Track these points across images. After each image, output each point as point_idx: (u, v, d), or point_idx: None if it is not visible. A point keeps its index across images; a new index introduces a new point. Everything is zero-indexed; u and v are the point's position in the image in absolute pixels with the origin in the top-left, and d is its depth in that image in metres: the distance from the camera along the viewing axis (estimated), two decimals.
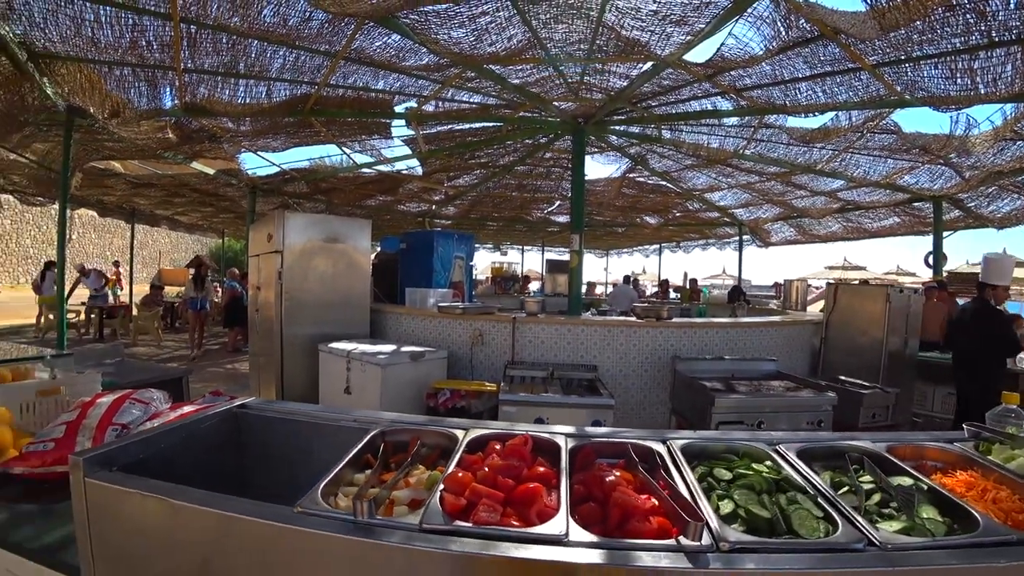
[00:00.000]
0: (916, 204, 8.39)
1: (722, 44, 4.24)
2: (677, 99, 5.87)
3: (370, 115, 6.12)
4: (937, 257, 8.25)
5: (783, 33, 4.06)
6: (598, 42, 4.45)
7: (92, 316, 11.26)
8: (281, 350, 4.81)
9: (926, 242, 8.60)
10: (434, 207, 12.07)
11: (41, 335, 10.82)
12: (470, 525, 1.06)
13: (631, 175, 9.42)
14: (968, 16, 3.64)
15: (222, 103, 5.44)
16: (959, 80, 4.25)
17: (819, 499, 1.21)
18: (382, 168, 8.57)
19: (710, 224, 12.84)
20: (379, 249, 7.33)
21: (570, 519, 1.09)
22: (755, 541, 1.02)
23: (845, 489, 1.32)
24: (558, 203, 11.68)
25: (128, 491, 1.14)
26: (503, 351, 4.89)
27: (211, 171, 8.37)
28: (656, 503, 1.17)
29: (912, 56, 4.13)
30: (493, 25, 4.19)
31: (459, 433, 1.55)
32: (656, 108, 6.20)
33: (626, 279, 13.09)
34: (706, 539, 0.99)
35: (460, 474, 1.25)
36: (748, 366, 4.31)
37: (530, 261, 22.04)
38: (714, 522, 1.07)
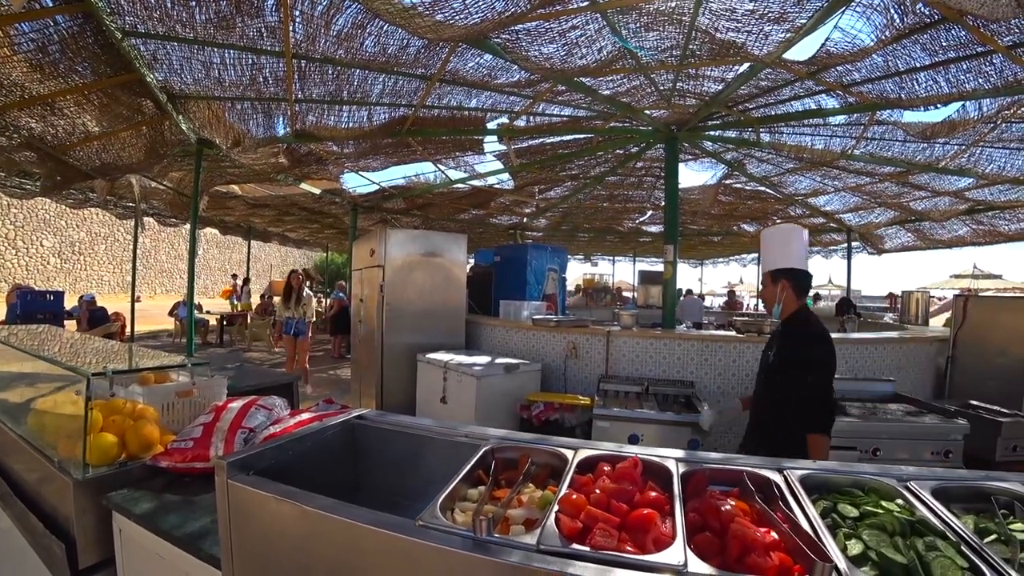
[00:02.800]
0: None
1: (827, 39, 3.98)
2: (777, 100, 5.58)
3: (464, 132, 6.32)
4: None
5: (897, 21, 3.75)
6: (691, 47, 4.33)
7: (213, 324, 12.48)
8: (381, 359, 5.06)
9: None
10: (525, 219, 12.22)
11: (174, 339, 12.13)
12: (587, 549, 1.05)
13: (727, 181, 9.03)
14: None
15: (328, 128, 5.85)
16: None
17: (962, 547, 1.07)
18: (475, 183, 8.82)
19: (814, 231, 11.99)
20: (473, 262, 7.54)
21: (687, 549, 1.06)
22: None
23: (992, 538, 1.15)
24: (650, 213, 11.41)
25: (265, 495, 1.25)
26: (597, 364, 4.83)
27: (317, 191, 9.00)
28: (776, 538, 1.10)
29: None
30: (583, 38, 4.20)
31: (568, 453, 1.53)
32: (753, 111, 5.92)
33: (688, 292, 12.71)
34: None
35: (574, 496, 1.24)
36: (861, 387, 3.95)
37: (621, 272, 21.77)
38: (842, 563, 0.99)
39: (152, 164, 6.98)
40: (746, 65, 4.58)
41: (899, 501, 1.30)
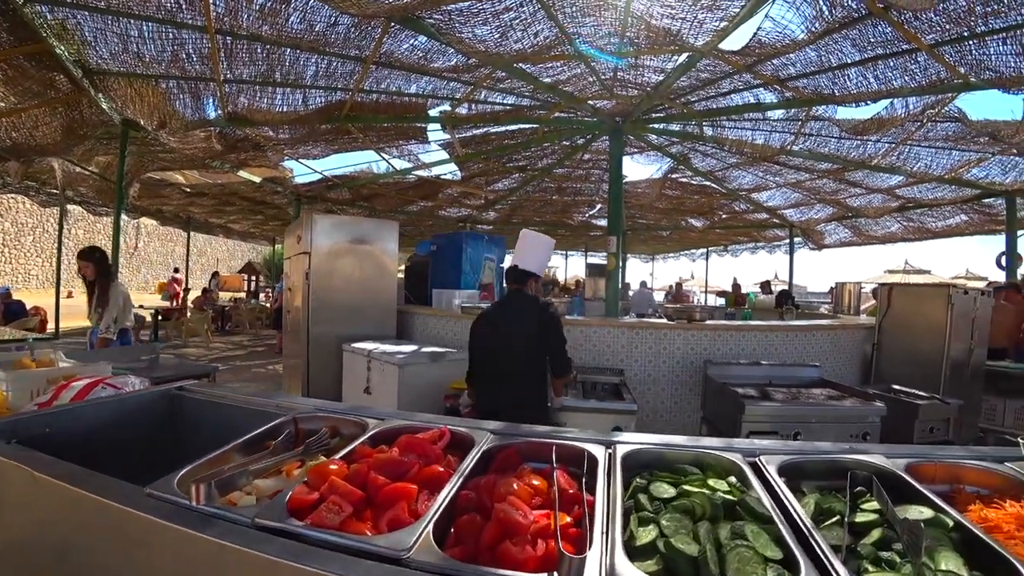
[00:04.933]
0: (986, 200, 7.75)
1: (759, 28, 4.00)
2: (717, 92, 5.62)
3: (405, 119, 6.16)
4: (1011, 258, 7.59)
5: (826, 13, 3.80)
6: (628, 34, 4.30)
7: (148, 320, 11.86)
8: (307, 350, 4.86)
9: (999, 242, 7.93)
10: (474, 212, 12.10)
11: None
12: (301, 525, 0.94)
13: (673, 175, 9.13)
14: None
15: (261, 112, 5.61)
16: None
17: (786, 533, 0.94)
18: (421, 173, 8.64)
19: (758, 226, 12.30)
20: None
21: (429, 532, 0.93)
22: None
23: (834, 520, 1.06)
24: (599, 206, 11.47)
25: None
26: None
27: (257, 179, 8.64)
28: (548, 524, 0.98)
29: (976, 32, 3.79)
30: (518, 21, 4.12)
31: (373, 423, 1.45)
32: (696, 103, 5.96)
33: (642, 284, 12.99)
34: None
35: (334, 466, 1.13)
36: (787, 372, 4.00)
37: (573, 266, 21.83)
38: (611, 557, 0.86)
39: (72, 146, 6.56)
40: (684, 55, 4.58)
41: (732, 479, 1.19)
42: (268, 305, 15.72)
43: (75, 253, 4.76)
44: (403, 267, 6.84)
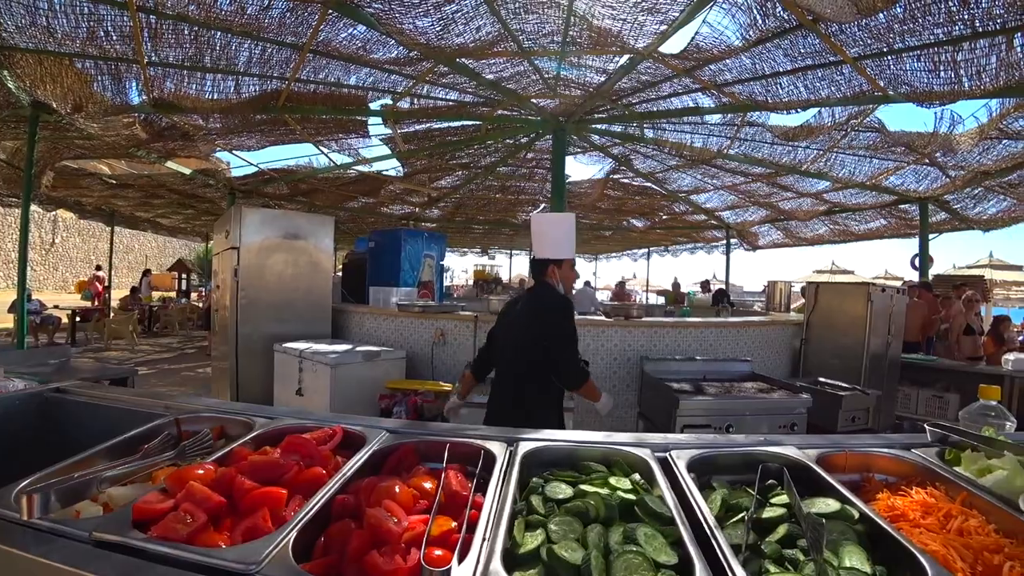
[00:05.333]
0: (903, 206, 8.30)
1: (696, 33, 4.11)
2: (658, 95, 5.74)
3: (344, 112, 5.97)
4: (923, 260, 8.15)
5: (759, 21, 3.94)
6: (571, 33, 4.32)
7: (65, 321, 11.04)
8: (236, 351, 4.62)
9: (913, 245, 8.50)
10: (418, 210, 11.92)
11: (14, 339, 10.56)
12: (143, 539, 0.84)
13: (615, 176, 9.29)
14: (950, 3, 3.53)
15: (190, 98, 5.30)
16: (943, 74, 4.15)
17: (686, 534, 0.91)
18: (362, 169, 8.42)
19: (697, 227, 12.72)
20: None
21: (288, 542, 0.85)
22: None
23: (740, 517, 1.03)
24: (543, 206, 11.54)
25: None
26: (466, 351, 4.68)
27: (187, 171, 8.19)
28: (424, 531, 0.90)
29: (894, 48, 4.02)
30: (460, 15, 4.05)
31: (260, 422, 1.36)
32: (637, 105, 6.07)
33: (586, 284, 13.23)
34: None
35: (201, 471, 1.03)
36: (721, 367, 4.13)
37: (519, 266, 21.91)
38: (484, 567, 0.80)
39: None
40: (626, 57, 4.65)
41: (636, 477, 1.16)
42: (200, 305, 14.97)
43: None
44: (342, 264, 6.65)
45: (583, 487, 1.09)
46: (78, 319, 10.89)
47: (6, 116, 5.68)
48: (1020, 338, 9.75)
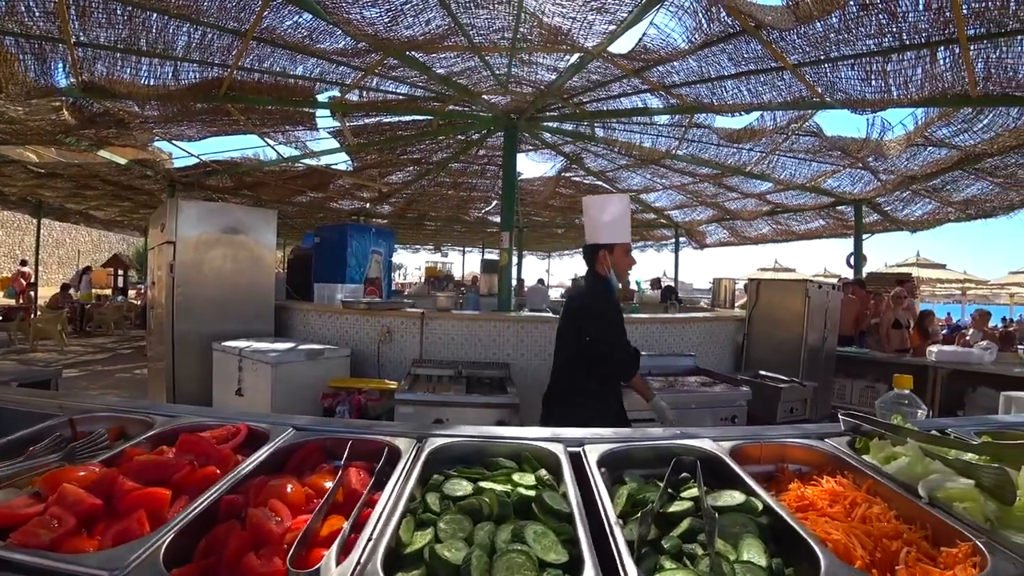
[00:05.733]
0: (839, 207, 8.70)
1: (644, 34, 4.18)
2: (608, 95, 5.82)
3: (291, 103, 5.79)
4: (858, 258, 8.58)
5: (705, 25, 4.04)
6: (522, 30, 4.31)
7: None
8: (173, 350, 4.40)
9: (849, 244, 8.93)
10: (369, 205, 11.70)
11: None
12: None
13: (567, 174, 9.37)
14: (880, 16, 3.71)
15: (124, 83, 5.01)
16: (873, 82, 4.36)
17: (583, 531, 0.89)
18: (310, 162, 8.19)
19: (647, 225, 12.99)
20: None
21: (161, 546, 0.80)
22: None
23: (648, 510, 1.01)
24: (495, 203, 11.54)
25: None
26: (412, 349, 4.65)
27: (123, 161, 7.75)
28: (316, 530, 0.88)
29: (830, 56, 4.19)
30: (409, 7, 3.99)
31: (160, 420, 1.30)
32: (588, 104, 6.13)
33: (539, 281, 13.30)
34: None
35: (82, 473, 0.97)
36: (665, 362, 4.23)
37: (472, 263, 21.78)
38: (362, 568, 0.78)
39: None
40: (576, 55, 4.68)
41: (542, 473, 1.15)
42: (138, 303, 14.26)
43: None
44: (288, 260, 6.45)
45: (483, 484, 1.07)
46: (0, 318, 10.18)
47: None
48: (944, 331, 10.44)
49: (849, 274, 8.87)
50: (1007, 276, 16.68)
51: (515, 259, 14.41)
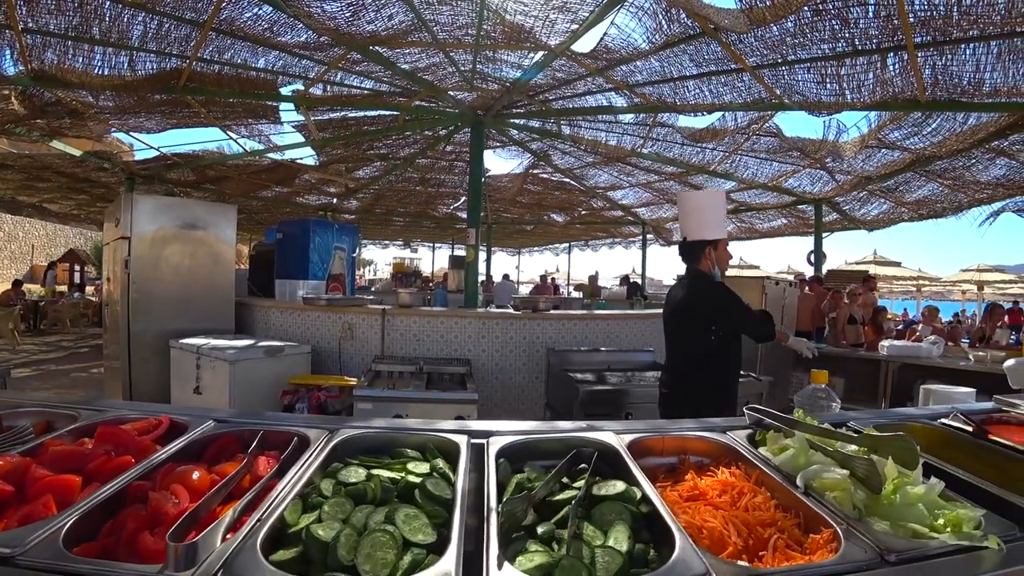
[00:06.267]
0: (800, 206, 8.93)
1: (605, 33, 4.23)
2: (573, 93, 5.87)
3: (253, 96, 5.67)
4: (818, 256, 8.84)
5: (665, 26, 4.10)
6: (485, 27, 4.32)
7: None
8: (129, 348, 4.30)
9: (810, 242, 9.19)
10: (336, 200, 11.55)
11: None
12: None
13: (534, 171, 9.41)
14: (833, 22, 3.82)
15: (76, 72, 4.85)
16: (828, 85, 4.48)
17: (459, 516, 0.95)
18: (275, 156, 8.05)
19: (615, 223, 13.13)
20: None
21: (63, 527, 0.84)
22: None
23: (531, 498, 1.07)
24: (464, 199, 11.52)
25: None
26: (374, 345, 4.63)
27: (77, 152, 7.50)
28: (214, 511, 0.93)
29: (788, 59, 4.30)
30: (371, 1, 3.95)
31: (85, 414, 1.35)
32: (554, 102, 6.17)
33: (505, 276, 13.41)
34: (203, 570, 0.76)
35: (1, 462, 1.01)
36: (624, 357, 4.29)
37: (441, 259, 21.67)
38: (242, 543, 0.82)
39: None
40: (540, 53, 4.71)
41: (438, 462, 1.21)
42: (95, 299, 13.81)
43: None
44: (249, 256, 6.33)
45: (376, 471, 1.12)
46: None
47: None
48: (899, 326, 10.83)
49: (811, 271, 9.14)
50: (958, 273, 17.40)
51: (483, 255, 14.43)
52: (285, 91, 5.74)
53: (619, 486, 1.08)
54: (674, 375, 2.78)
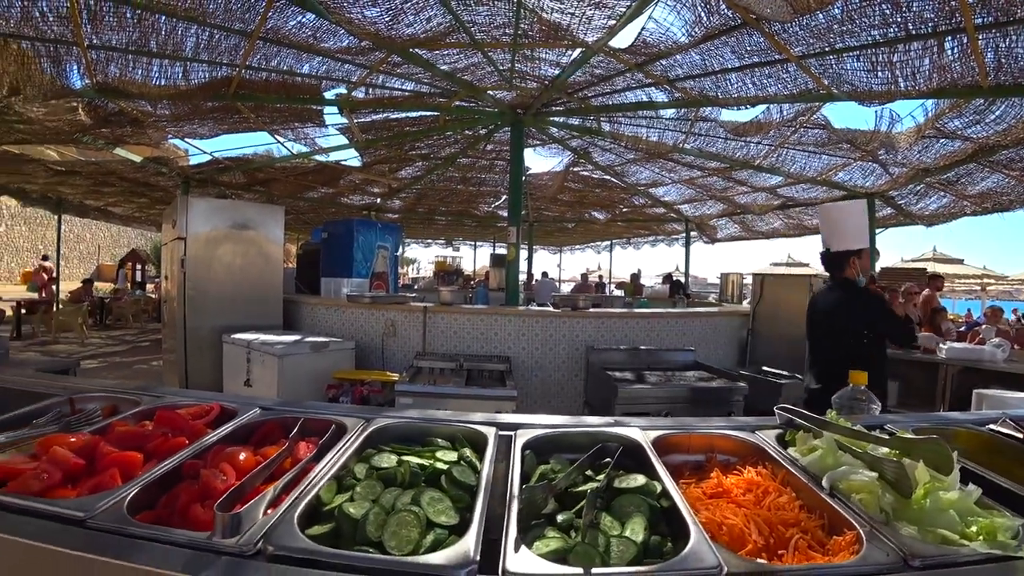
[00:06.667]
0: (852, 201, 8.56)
1: (643, 28, 4.17)
2: (612, 89, 5.82)
3: (298, 101, 5.87)
4: (871, 253, 8.46)
5: (704, 18, 4.02)
6: (522, 26, 4.33)
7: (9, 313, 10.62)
8: (185, 342, 4.54)
9: None
10: (379, 200, 11.80)
11: None
12: None
13: (575, 168, 9.36)
14: (884, 6, 3.66)
15: (136, 84, 5.13)
16: (880, 74, 4.28)
17: (482, 501, 0.99)
18: (320, 158, 8.30)
19: (657, 220, 12.91)
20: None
21: (126, 497, 0.95)
22: (303, 549, 0.82)
23: (540, 482, 1.12)
24: (504, 197, 11.57)
25: None
26: (415, 342, 4.73)
27: (137, 158, 7.92)
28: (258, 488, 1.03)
29: (835, 48, 4.14)
30: (409, 5, 4.03)
31: (146, 400, 1.49)
32: (593, 99, 6.13)
33: (544, 274, 13.54)
34: (246, 539, 0.83)
35: (72, 439, 1.16)
36: (665, 356, 4.24)
37: (482, 258, 21.80)
38: (280, 517, 0.90)
39: None
40: (578, 51, 4.69)
41: (466, 451, 1.24)
42: (155, 296, 14.54)
43: None
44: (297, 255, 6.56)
45: (407, 458, 1.18)
46: (24, 311, 10.47)
47: None
48: (962, 328, 10.25)
49: None
50: None
51: (524, 253, 14.45)
52: (329, 95, 5.90)
53: (640, 479, 1.11)
54: (822, 376, 2.91)
